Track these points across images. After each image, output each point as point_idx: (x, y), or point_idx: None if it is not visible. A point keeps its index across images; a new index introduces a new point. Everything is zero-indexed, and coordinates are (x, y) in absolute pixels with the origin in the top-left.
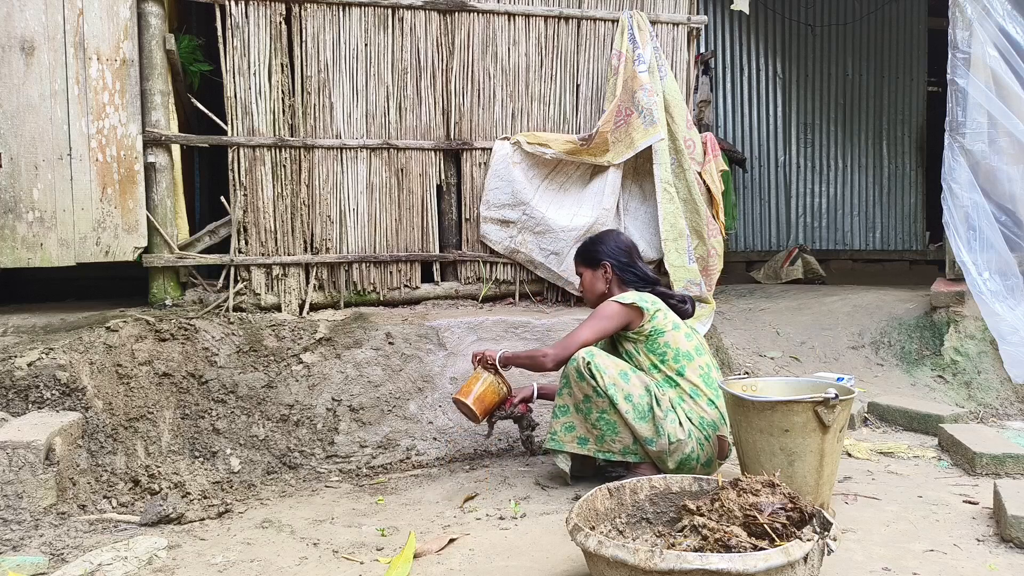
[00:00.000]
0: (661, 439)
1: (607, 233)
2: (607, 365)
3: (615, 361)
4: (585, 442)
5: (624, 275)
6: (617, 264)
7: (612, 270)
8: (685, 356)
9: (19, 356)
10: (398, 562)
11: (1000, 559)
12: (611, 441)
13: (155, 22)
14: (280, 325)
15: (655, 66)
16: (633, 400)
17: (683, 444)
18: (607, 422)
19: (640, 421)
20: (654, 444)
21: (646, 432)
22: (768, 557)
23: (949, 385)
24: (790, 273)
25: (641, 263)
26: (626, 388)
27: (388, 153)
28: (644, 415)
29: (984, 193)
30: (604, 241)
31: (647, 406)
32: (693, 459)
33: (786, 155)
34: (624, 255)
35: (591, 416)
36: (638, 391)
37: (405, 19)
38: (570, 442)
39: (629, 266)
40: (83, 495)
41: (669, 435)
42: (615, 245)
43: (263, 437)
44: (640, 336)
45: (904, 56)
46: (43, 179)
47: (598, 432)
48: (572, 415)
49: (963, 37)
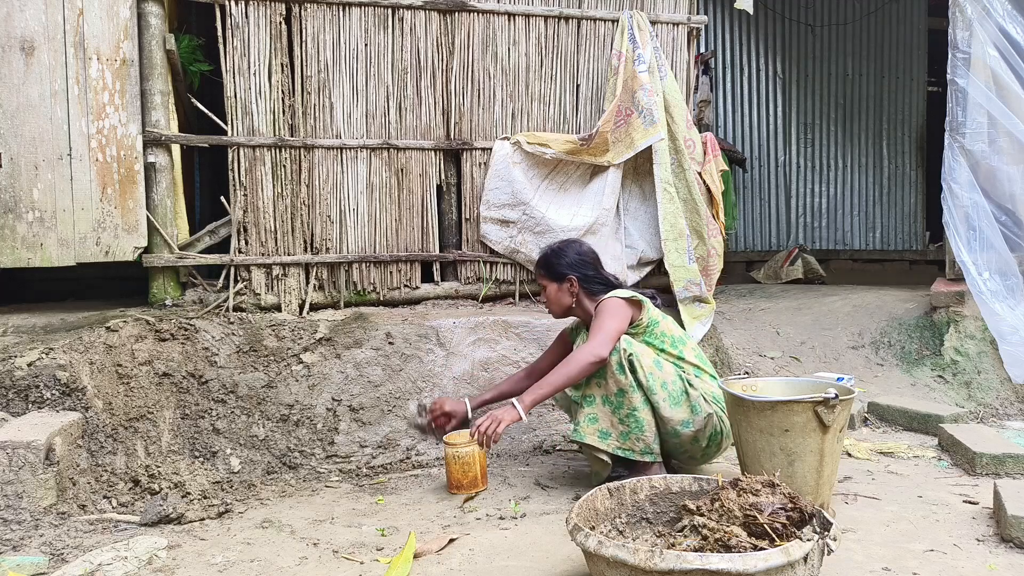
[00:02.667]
0: (698, 416)
1: (567, 245)
2: (642, 353)
3: (646, 349)
4: (607, 436)
5: (591, 287)
6: (582, 277)
7: (578, 283)
8: (680, 341)
9: (19, 356)
10: (398, 562)
11: (1000, 559)
12: (635, 440)
13: (155, 22)
14: (280, 325)
15: (655, 66)
16: (668, 387)
17: (712, 418)
18: (635, 420)
19: (675, 407)
20: (691, 425)
21: (682, 415)
22: (768, 557)
23: (949, 385)
24: (790, 273)
25: (604, 271)
26: (661, 376)
27: (388, 153)
28: (679, 400)
29: (984, 193)
30: (565, 254)
31: (681, 390)
32: (719, 432)
33: (786, 155)
34: (588, 267)
35: (620, 411)
36: (671, 377)
37: (405, 19)
38: (592, 434)
39: (594, 277)
40: (83, 495)
41: (703, 411)
42: (577, 257)
43: (263, 437)
44: (639, 329)
45: (904, 56)
46: (43, 179)
47: (624, 428)
48: (598, 406)
49: (963, 37)
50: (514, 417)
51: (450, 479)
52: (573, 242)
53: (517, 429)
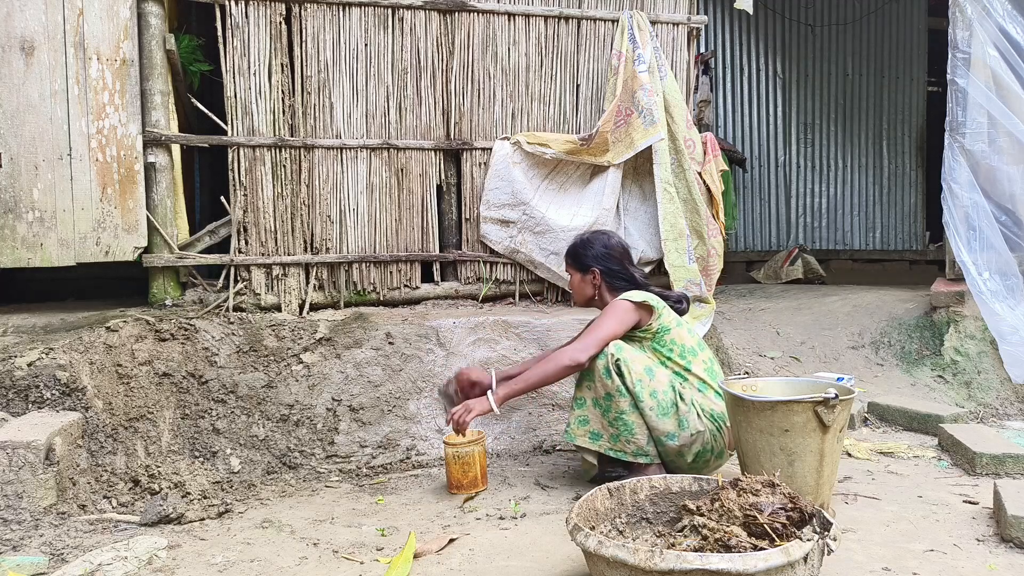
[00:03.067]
0: (684, 432)
1: (596, 236)
2: (633, 359)
3: (639, 355)
4: (598, 438)
5: (613, 281)
6: (606, 271)
7: (601, 276)
8: (690, 352)
9: (19, 356)
10: (398, 562)
11: (1000, 559)
12: (625, 441)
13: (155, 22)
14: (280, 325)
15: (655, 66)
16: (658, 396)
17: (701, 435)
18: (624, 424)
19: (663, 417)
20: (676, 439)
21: (668, 427)
22: (768, 557)
23: (949, 385)
24: (790, 273)
25: (632, 267)
26: (651, 384)
27: (388, 153)
28: (667, 411)
29: (984, 193)
30: (593, 245)
31: (671, 402)
32: (708, 451)
33: (786, 155)
34: (614, 261)
35: (609, 414)
36: (663, 387)
37: (405, 19)
38: (582, 436)
39: (619, 272)
40: (83, 495)
41: (691, 427)
42: (604, 250)
43: (263, 437)
44: (648, 334)
45: (904, 56)
46: (43, 179)
47: (614, 431)
48: (588, 408)
49: (963, 37)
50: (484, 408)
51: (450, 479)
52: (603, 234)
53: (518, 429)
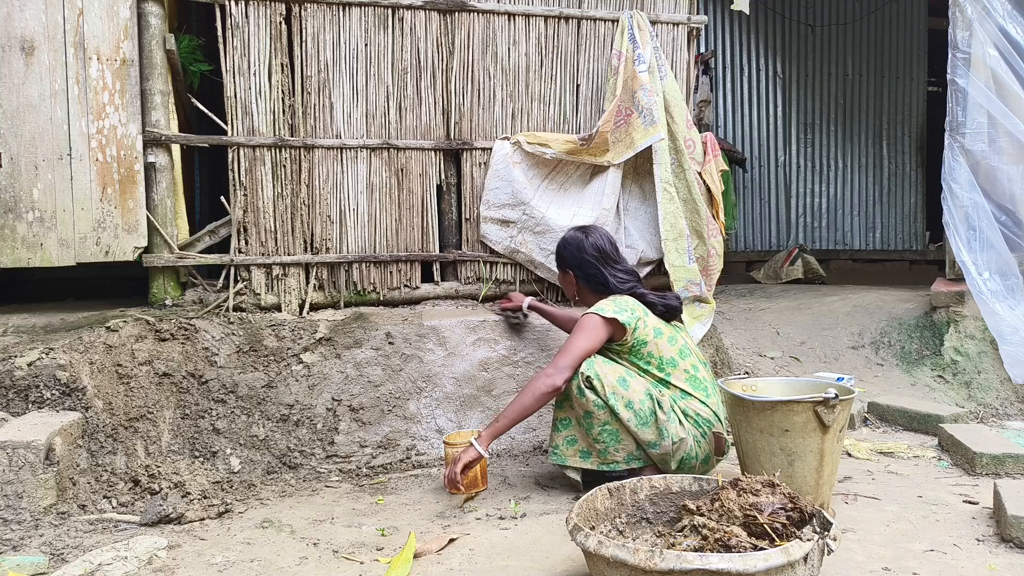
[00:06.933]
0: (665, 441)
1: (573, 237)
2: (606, 372)
3: (614, 367)
4: (588, 455)
5: (590, 283)
6: (582, 275)
7: (576, 279)
8: (670, 363)
9: (19, 356)
10: (398, 562)
11: (1000, 559)
12: (614, 452)
13: (155, 22)
14: (280, 325)
15: (655, 66)
16: (634, 407)
17: (684, 443)
18: (610, 433)
19: (642, 427)
20: (657, 447)
21: (649, 437)
22: (768, 557)
23: (949, 385)
24: (790, 273)
25: (612, 266)
26: (626, 395)
27: (388, 153)
28: (646, 420)
29: (984, 193)
30: (568, 246)
31: (649, 411)
32: (692, 457)
33: (786, 155)
34: (588, 264)
35: (593, 431)
36: (639, 396)
37: (405, 19)
38: (572, 456)
39: (595, 275)
40: (83, 495)
41: (672, 436)
42: (577, 253)
43: (263, 437)
44: (623, 348)
45: (904, 56)
46: (43, 179)
47: (601, 446)
48: (574, 428)
49: (963, 37)
50: (473, 456)
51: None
52: (581, 232)
53: (517, 429)
